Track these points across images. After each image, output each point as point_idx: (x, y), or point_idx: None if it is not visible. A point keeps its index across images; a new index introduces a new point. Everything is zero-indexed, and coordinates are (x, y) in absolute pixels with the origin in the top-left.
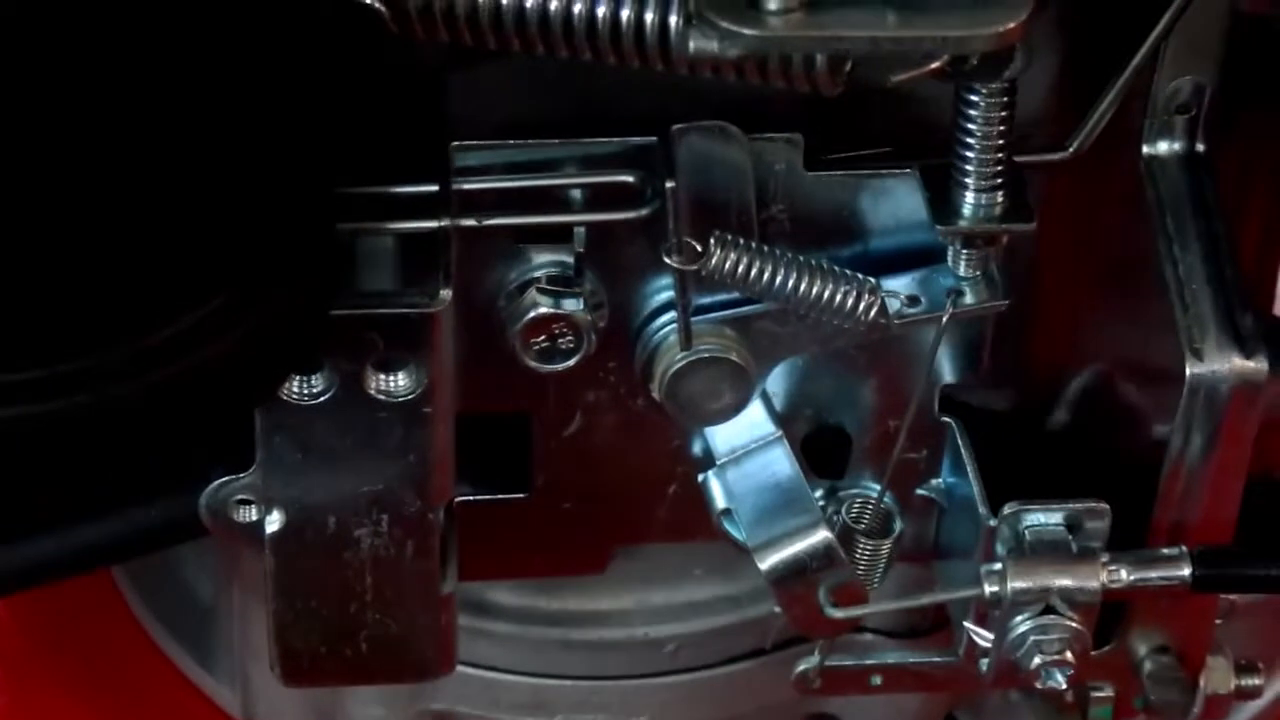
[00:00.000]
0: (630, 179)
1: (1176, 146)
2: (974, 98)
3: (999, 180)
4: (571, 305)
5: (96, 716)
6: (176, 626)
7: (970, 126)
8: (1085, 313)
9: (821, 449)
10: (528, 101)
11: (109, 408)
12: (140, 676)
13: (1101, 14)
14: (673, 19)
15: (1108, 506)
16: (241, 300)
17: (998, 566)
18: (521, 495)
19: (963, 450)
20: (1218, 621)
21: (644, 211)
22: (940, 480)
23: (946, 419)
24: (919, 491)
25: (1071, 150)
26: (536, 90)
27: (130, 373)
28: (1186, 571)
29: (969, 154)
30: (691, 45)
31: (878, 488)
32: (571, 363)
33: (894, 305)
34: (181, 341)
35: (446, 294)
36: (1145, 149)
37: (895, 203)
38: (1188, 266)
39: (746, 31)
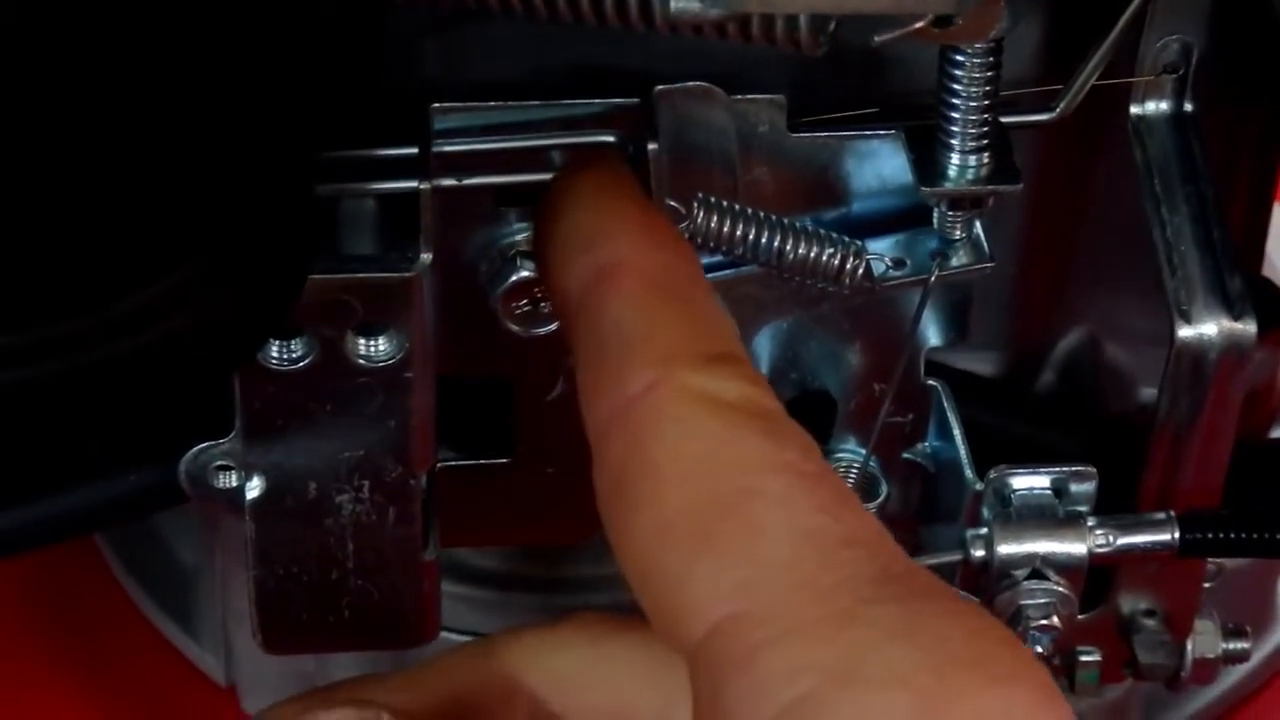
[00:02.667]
0: (611, 139)
1: (1164, 106)
2: (959, 58)
3: (985, 141)
4: None
5: (77, 682)
6: (159, 592)
7: (955, 87)
8: (1072, 275)
9: (806, 413)
10: (509, 62)
11: (79, 376)
12: (122, 642)
13: None
14: None
15: (1095, 470)
16: (215, 266)
17: (984, 531)
18: (504, 460)
19: (949, 414)
20: (1206, 585)
21: None
22: (926, 444)
23: (932, 382)
24: (904, 456)
25: (1058, 111)
26: (518, 50)
27: (101, 340)
28: (1174, 536)
29: (954, 115)
30: (673, 5)
31: (863, 452)
32: (553, 327)
33: (879, 268)
34: (154, 308)
35: (426, 258)
36: (1133, 109)
37: (880, 164)
38: (1175, 228)
39: None
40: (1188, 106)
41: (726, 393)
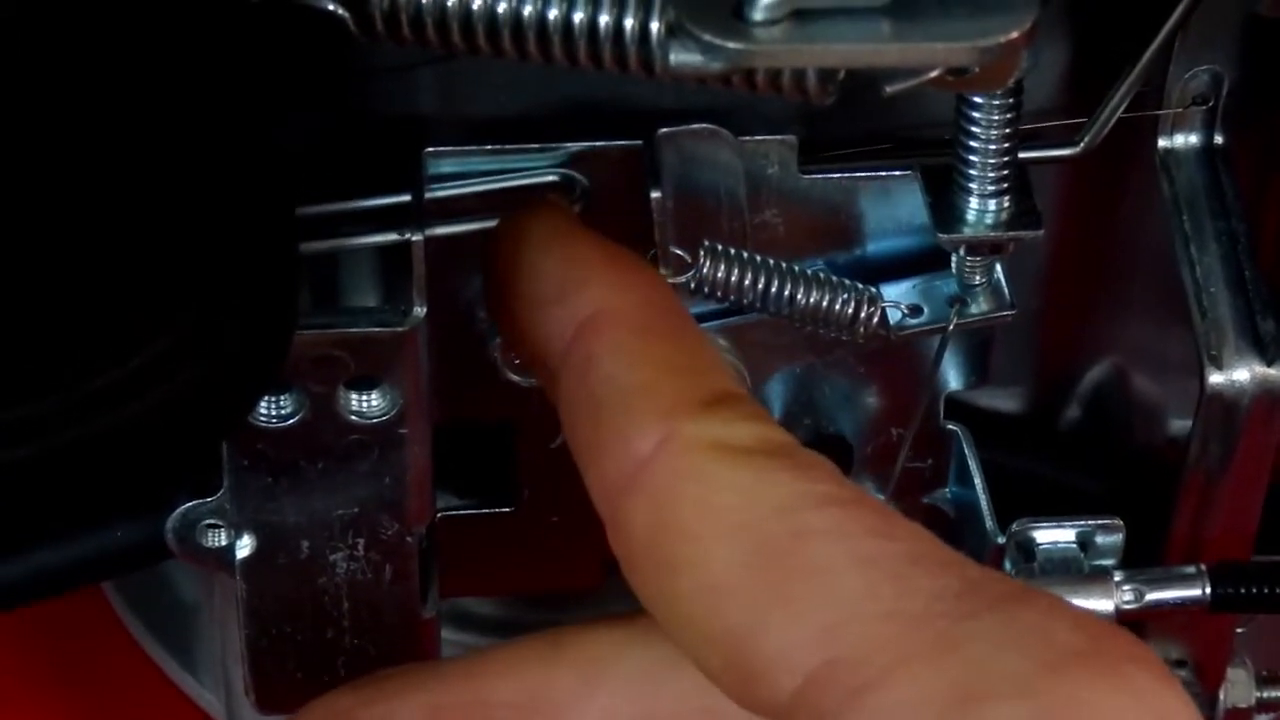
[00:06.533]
0: (554, 179)
1: (1193, 139)
2: (977, 100)
3: (1004, 185)
4: None
5: (77, 718)
6: (161, 628)
7: (973, 129)
8: (1098, 307)
9: None
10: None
11: (54, 457)
12: (123, 678)
13: (1114, 2)
14: (654, 25)
15: (1121, 522)
16: (192, 337)
17: None
18: (507, 509)
19: (969, 460)
20: (1238, 630)
21: None
22: (946, 490)
23: (952, 426)
24: (924, 501)
25: (1082, 146)
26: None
27: (75, 420)
28: (1204, 591)
29: (972, 158)
30: (673, 58)
31: (881, 498)
32: None
33: (895, 316)
34: (129, 384)
35: (420, 311)
36: (1161, 142)
37: (895, 204)
38: (1205, 268)
39: (730, 45)
40: (1218, 139)
41: (739, 437)
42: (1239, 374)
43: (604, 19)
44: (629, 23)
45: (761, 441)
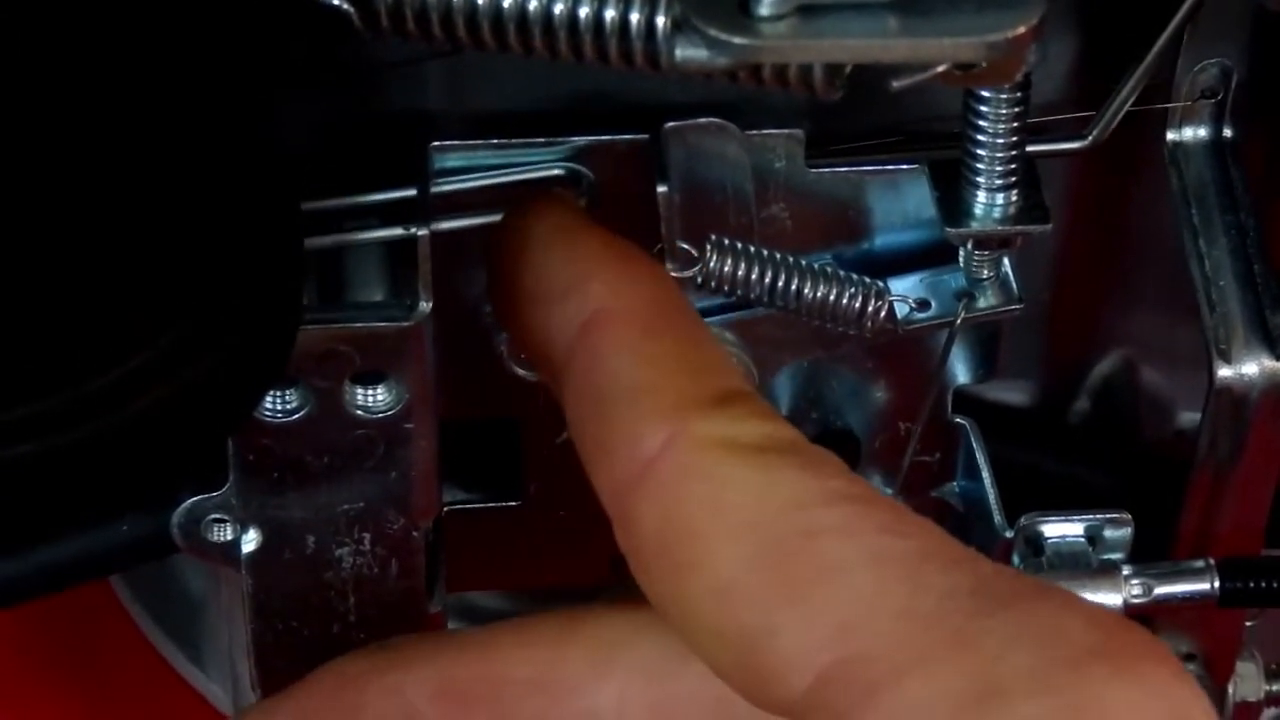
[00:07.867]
0: (559, 173)
1: (1202, 133)
2: (985, 94)
3: (1012, 178)
4: None
5: (82, 711)
6: (167, 620)
7: (980, 124)
8: (1108, 298)
9: None
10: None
11: (57, 456)
12: (129, 671)
13: None
14: (660, 21)
15: (1130, 516)
16: (197, 333)
17: None
18: (514, 503)
19: (977, 453)
20: (1248, 623)
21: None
22: (954, 484)
23: (960, 420)
24: (932, 495)
25: (1091, 139)
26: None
27: (79, 418)
28: (1213, 585)
29: (980, 151)
30: (678, 54)
31: (889, 492)
32: None
33: (902, 310)
34: (134, 381)
35: (426, 307)
36: (1169, 135)
37: (903, 198)
38: (1214, 262)
39: (736, 40)
40: (1227, 132)
41: (747, 434)
42: (1248, 367)
43: (610, 14)
44: (635, 18)
45: (770, 439)
